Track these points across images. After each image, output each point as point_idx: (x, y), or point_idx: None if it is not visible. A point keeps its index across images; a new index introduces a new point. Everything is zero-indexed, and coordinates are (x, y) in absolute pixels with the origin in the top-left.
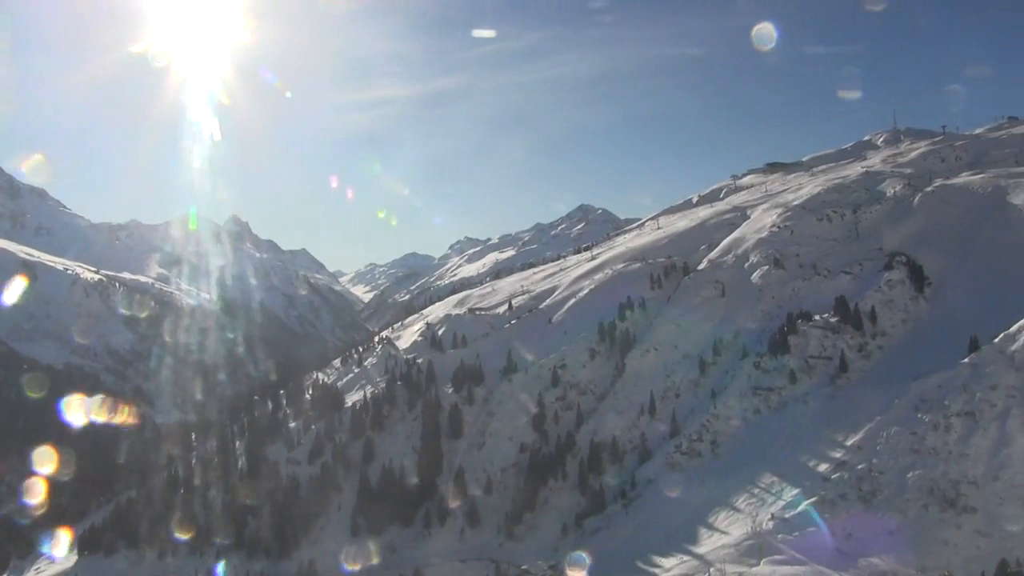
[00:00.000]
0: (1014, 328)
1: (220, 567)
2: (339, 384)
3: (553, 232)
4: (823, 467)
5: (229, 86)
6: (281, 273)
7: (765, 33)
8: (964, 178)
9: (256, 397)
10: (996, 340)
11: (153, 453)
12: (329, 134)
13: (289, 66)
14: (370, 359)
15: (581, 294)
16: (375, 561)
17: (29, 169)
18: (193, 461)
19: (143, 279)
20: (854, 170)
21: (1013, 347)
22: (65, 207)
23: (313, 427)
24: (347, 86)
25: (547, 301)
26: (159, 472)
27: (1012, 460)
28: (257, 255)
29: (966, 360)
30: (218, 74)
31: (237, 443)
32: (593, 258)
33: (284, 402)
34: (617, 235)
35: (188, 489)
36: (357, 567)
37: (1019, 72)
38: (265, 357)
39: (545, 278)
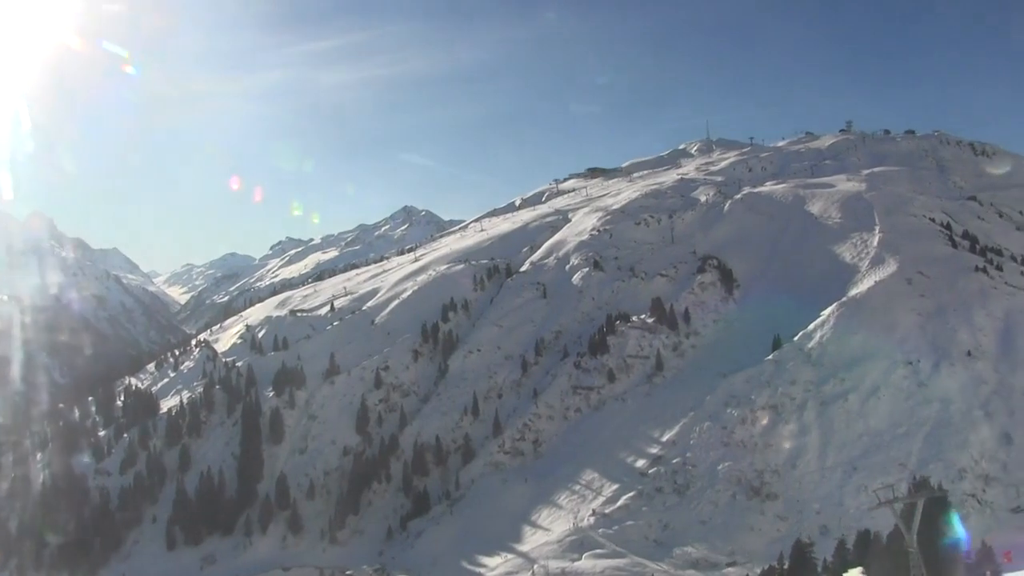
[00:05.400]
0: (811, 327)
1: None
2: (153, 389)
3: (377, 233)
4: (641, 462)
5: (46, 69)
6: (90, 273)
7: None
8: (769, 187)
9: (61, 405)
10: (796, 338)
11: None
12: (149, 128)
13: (106, 59)
14: (187, 363)
15: (404, 295)
16: (193, 574)
17: None
18: None
19: None
20: (670, 177)
21: (810, 344)
22: None
23: (125, 435)
24: (171, 78)
25: (370, 303)
26: None
27: (808, 449)
28: (62, 254)
29: (770, 357)
30: (32, 57)
31: (38, 455)
32: (417, 259)
33: (93, 409)
34: (441, 237)
35: None
36: None
37: (818, 90)
38: (71, 362)
39: (368, 279)
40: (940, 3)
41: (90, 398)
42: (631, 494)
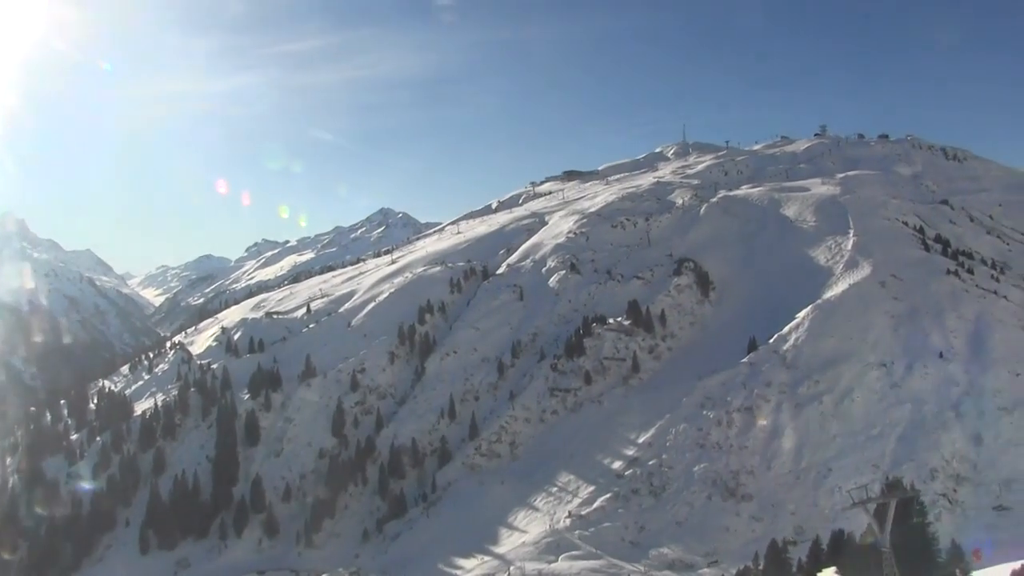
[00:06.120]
0: (786, 329)
1: None
2: (127, 392)
3: (353, 235)
4: (617, 464)
5: (16, 70)
6: (63, 274)
7: None
8: (744, 190)
9: (32, 408)
10: (771, 340)
11: None
12: (123, 129)
13: (80, 57)
14: (161, 365)
15: (381, 298)
16: None
17: None
18: None
19: None
20: (646, 180)
21: (785, 347)
22: None
23: (98, 439)
24: (144, 79)
25: (346, 305)
26: None
27: (782, 450)
28: (35, 255)
29: (745, 359)
30: (2, 58)
31: (8, 459)
32: (393, 262)
33: (65, 413)
34: (418, 239)
35: None
36: None
37: (791, 96)
38: (43, 365)
39: (345, 281)
40: (913, 10)
41: (62, 401)
42: (607, 496)
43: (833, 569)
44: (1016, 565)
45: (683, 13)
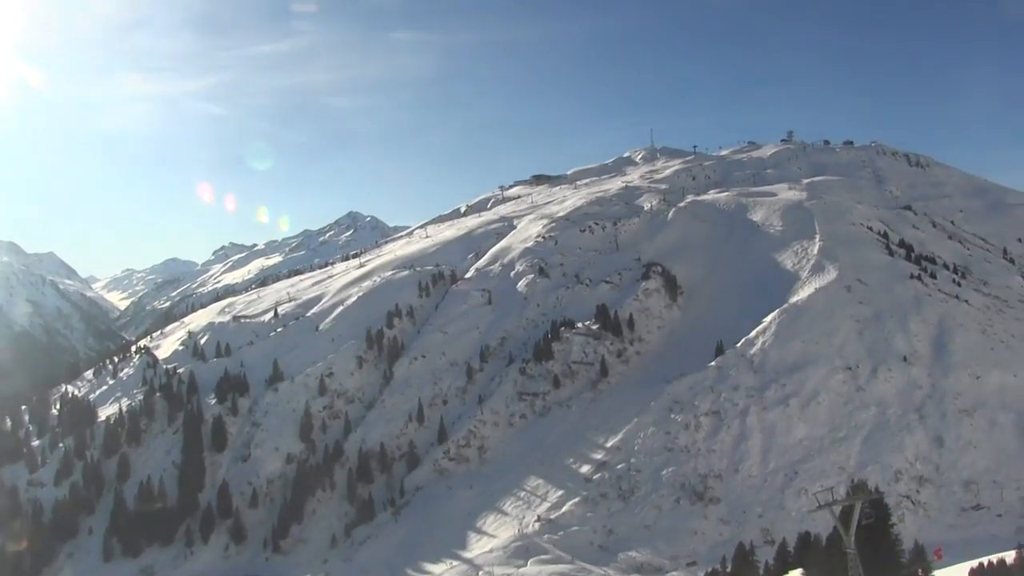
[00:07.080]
0: (753, 333)
1: None
2: (91, 397)
3: (321, 239)
4: (585, 468)
5: None
6: (24, 278)
7: None
8: (712, 195)
9: None
10: (738, 344)
11: None
12: (92, 130)
13: (48, 54)
14: (126, 370)
15: (349, 302)
16: None
17: None
18: None
19: None
20: (615, 184)
21: (752, 351)
22: None
23: (61, 445)
24: (111, 80)
25: (314, 309)
26: None
27: (750, 453)
28: None
29: (713, 363)
30: None
31: None
32: (361, 265)
33: (26, 419)
34: (386, 243)
35: None
36: None
37: (760, 99)
38: (3, 370)
39: (313, 285)
40: (881, 17)
41: (23, 407)
42: (576, 500)
43: (800, 571)
44: (975, 563)
45: (652, 20)
